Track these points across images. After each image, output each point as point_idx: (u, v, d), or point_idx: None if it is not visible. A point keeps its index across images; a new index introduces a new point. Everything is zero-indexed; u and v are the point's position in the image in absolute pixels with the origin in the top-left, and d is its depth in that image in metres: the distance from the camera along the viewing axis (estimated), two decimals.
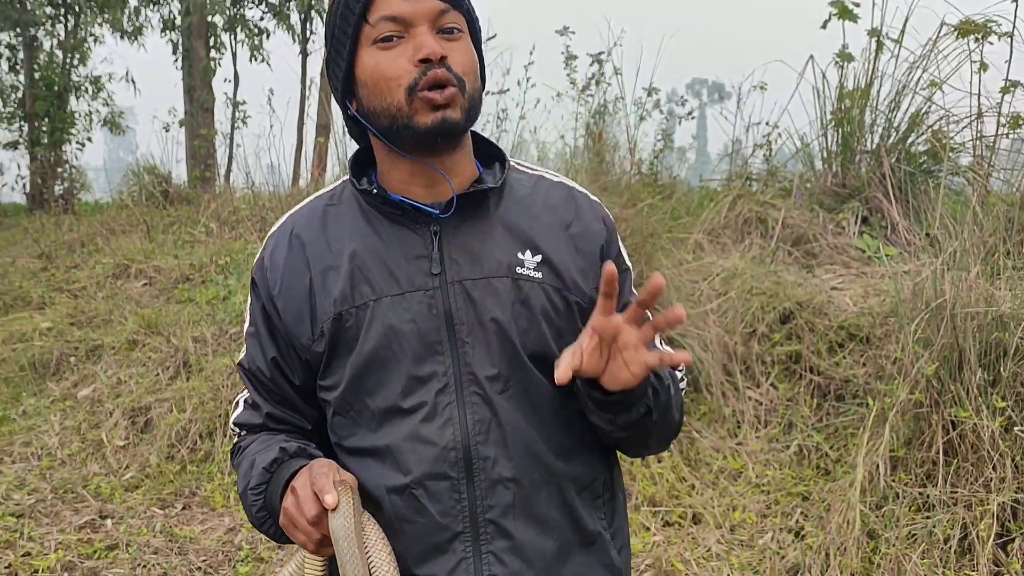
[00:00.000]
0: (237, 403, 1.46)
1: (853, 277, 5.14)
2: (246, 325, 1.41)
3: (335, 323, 1.29)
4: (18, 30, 12.19)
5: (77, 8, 11.97)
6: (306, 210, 1.39)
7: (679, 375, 1.42)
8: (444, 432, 1.26)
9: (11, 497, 4.10)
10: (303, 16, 13.72)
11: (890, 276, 4.31)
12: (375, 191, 1.31)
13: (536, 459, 1.29)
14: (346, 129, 1.42)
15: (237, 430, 1.45)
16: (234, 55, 13.80)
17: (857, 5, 6.07)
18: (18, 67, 12.67)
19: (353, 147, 1.41)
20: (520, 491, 1.27)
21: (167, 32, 13.60)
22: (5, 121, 12.69)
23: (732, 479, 3.94)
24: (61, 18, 12.25)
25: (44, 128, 11.98)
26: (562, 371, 1.15)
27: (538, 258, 1.31)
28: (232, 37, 13.66)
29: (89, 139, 12.56)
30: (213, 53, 13.06)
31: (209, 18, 12.53)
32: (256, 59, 13.76)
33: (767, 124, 6.50)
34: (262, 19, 13.95)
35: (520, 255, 1.31)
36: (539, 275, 1.30)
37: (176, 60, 13.39)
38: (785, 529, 3.54)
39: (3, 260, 7.69)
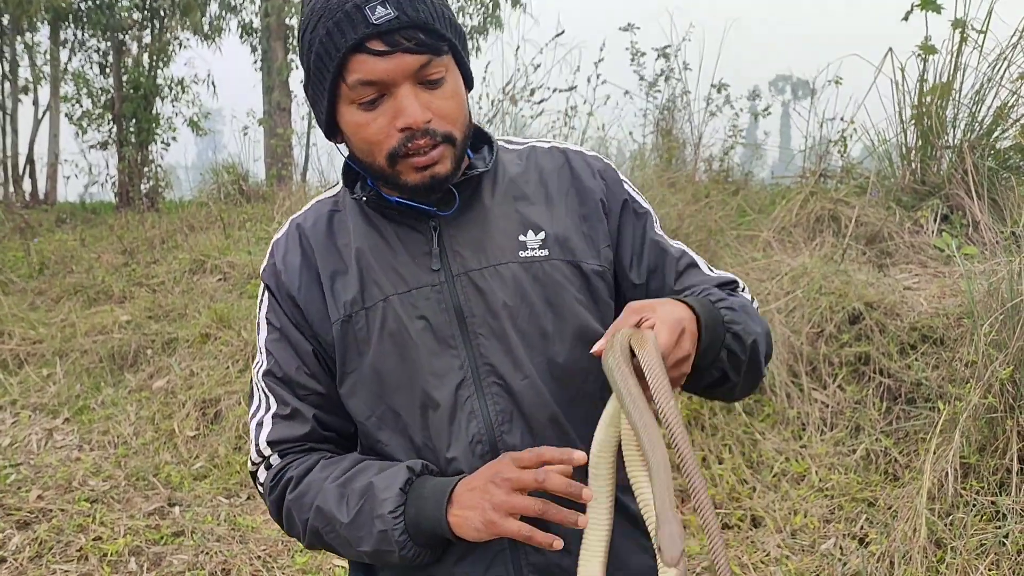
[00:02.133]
0: (261, 424, 1.34)
1: (930, 277, 4.95)
2: (263, 336, 1.36)
3: (344, 325, 1.29)
4: (107, 35, 12.63)
5: (162, 13, 12.34)
6: (311, 214, 1.38)
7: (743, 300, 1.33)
8: (469, 425, 1.26)
9: (87, 483, 4.26)
10: None
11: (965, 276, 4.14)
12: (366, 197, 1.31)
13: (565, 439, 1.27)
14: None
15: (269, 453, 1.33)
16: None
17: None
18: (107, 71, 13.13)
19: None
20: None
21: (245, 36, 13.92)
22: (96, 122, 13.18)
23: (795, 483, 3.84)
24: (147, 23, 12.63)
25: (131, 129, 12.38)
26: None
27: (541, 236, 1.31)
28: None
29: (174, 139, 12.93)
30: (291, 55, 13.31)
31: (287, 20, 12.77)
32: None
33: (842, 120, 6.32)
34: None
35: (522, 237, 1.31)
36: (545, 252, 1.30)
37: (256, 62, 13.72)
38: (848, 535, 3.43)
39: (90, 256, 7.97)
